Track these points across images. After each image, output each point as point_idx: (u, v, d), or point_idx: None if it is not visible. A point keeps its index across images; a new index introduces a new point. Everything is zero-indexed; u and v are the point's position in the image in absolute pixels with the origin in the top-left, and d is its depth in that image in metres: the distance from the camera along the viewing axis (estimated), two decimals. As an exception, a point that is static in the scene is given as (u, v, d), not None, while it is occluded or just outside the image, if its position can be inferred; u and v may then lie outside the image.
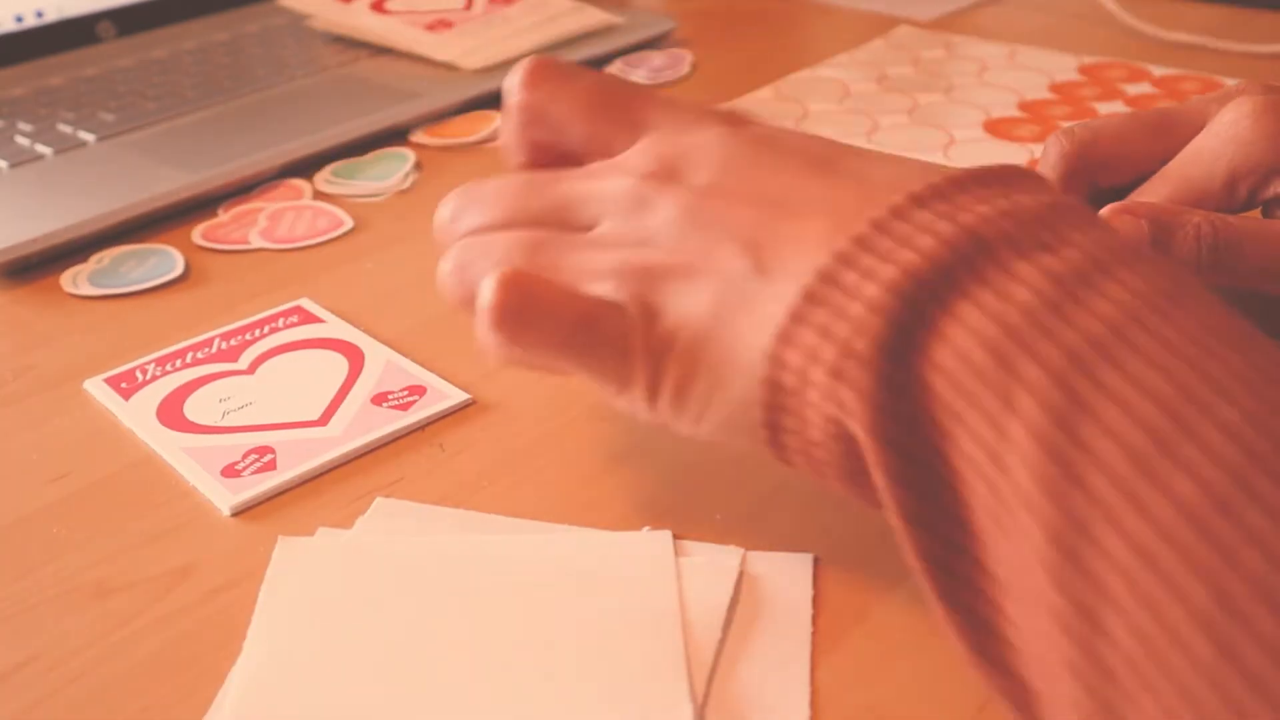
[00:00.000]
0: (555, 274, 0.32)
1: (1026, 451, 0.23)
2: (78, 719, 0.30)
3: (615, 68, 0.76)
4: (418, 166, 0.63)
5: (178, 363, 0.45)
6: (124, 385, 0.44)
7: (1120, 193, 0.41)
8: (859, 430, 0.26)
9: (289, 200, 0.59)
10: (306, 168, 0.63)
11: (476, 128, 0.68)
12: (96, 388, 0.44)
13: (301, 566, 0.34)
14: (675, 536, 0.35)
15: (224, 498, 0.38)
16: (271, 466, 0.39)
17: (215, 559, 0.35)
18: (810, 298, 0.27)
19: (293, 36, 0.81)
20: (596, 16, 0.80)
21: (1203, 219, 0.37)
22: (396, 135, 0.67)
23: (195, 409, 0.42)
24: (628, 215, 0.32)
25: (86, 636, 0.33)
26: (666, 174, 0.32)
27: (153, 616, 0.34)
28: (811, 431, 0.28)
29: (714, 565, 0.34)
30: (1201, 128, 0.40)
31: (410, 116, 0.67)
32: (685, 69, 0.76)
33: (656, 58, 0.78)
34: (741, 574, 0.33)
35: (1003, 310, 0.25)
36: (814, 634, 0.32)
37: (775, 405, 0.28)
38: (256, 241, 0.55)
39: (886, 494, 0.26)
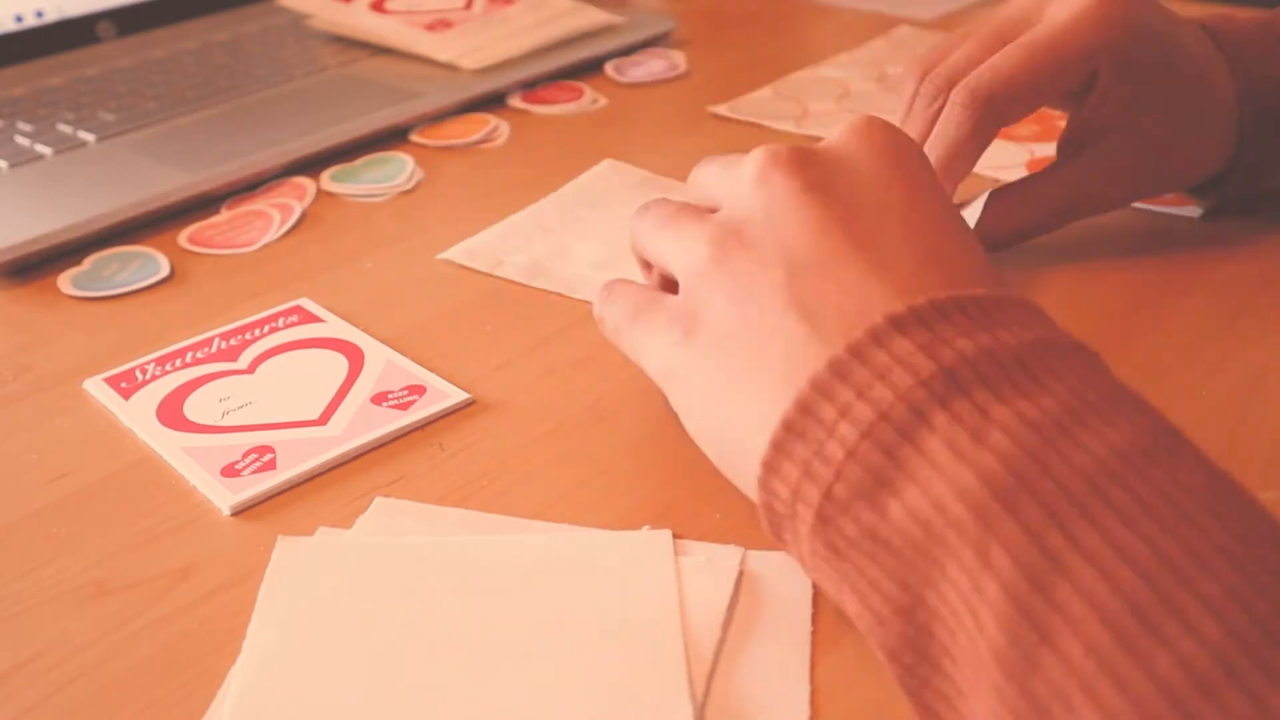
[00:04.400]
0: (620, 340, 0.37)
1: (1001, 611, 0.23)
2: (78, 719, 0.30)
3: (615, 67, 0.76)
4: (418, 167, 0.63)
5: (177, 362, 0.45)
6: (124, 385, 0.44)
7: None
8: (843, 572, 0.28)
9: (291, 198, 0.59)
10: (306, 168, 0.63)
11: (476, 128, 0.68)
12: (96, 387, 0.44)
13: (301, 566, 0.34)
14: (675, 536, 0.35)
15: (224, 497, 0.38)
16: (271, 466, 0.39)
17: (215, 559, 0.35)
18: (790, 428, 0.28)
19: (293, 36, 0.81)
20: (596, 16, 0.80)
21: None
22: (396, 135, 0.67)
23: (195, 408, 0.42)
24: (739, 196, 0.34)
25: (86, 636, 0.33)
26: (793, 166, 0.33)
27: (153, 616, 0.33)
28: (803, 549, 0.29)
29: (714, 564, 0.34)
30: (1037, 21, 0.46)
31: (410, 116, 0.67)
32: (684, 69, 0.76)
33: (656, 58, 0.78)
34: (741, 573, 0.33)
35: (979, 459, 0.25)
36: (814, 633, 0.32)
37: (772, 523, 0.30)
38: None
39: (865, 627, 0.27)
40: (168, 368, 0.45)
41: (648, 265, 0.40)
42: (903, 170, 0.33)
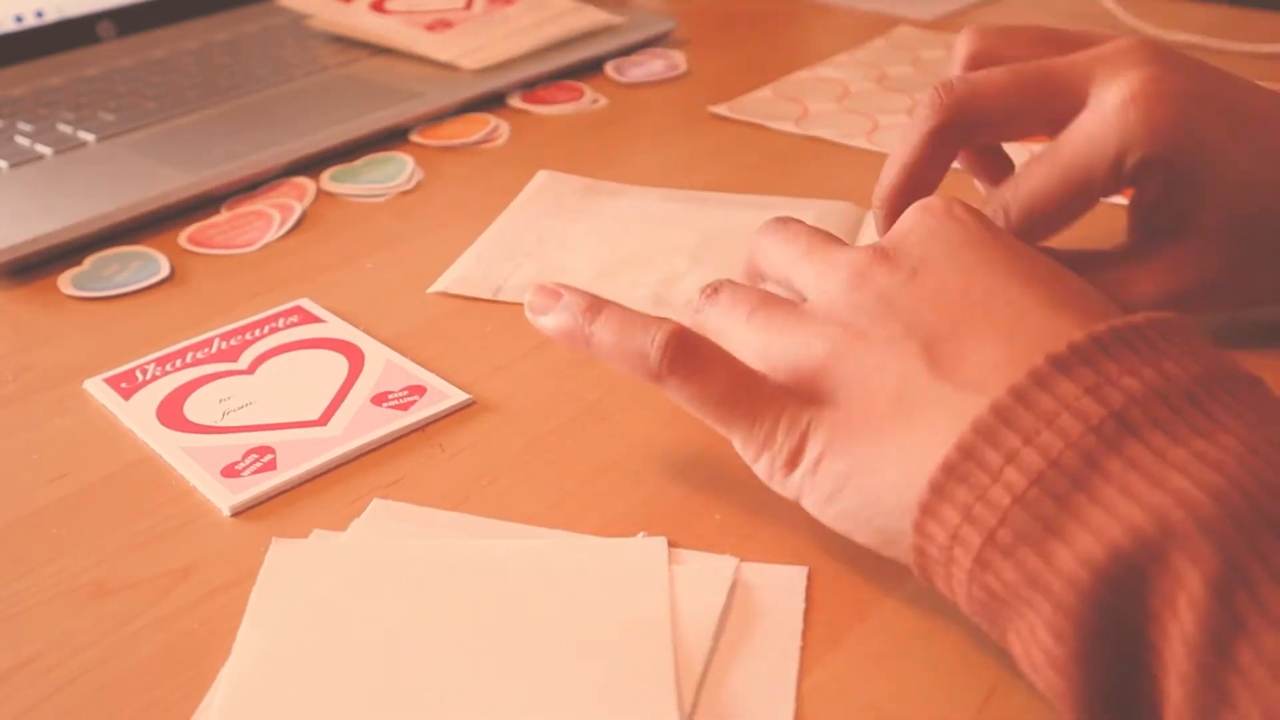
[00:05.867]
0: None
1: (1184, 671, 0.23)
2: (78, 719, 0.30)
3: (615, 67, 0.77)
4: (418, 167, 0.63)
5: (178, 362, 0.45)
6: (124, 385, 0.44)
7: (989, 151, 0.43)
8: (1006, 617, 0.27)
9: (291, 198, 0.59)
10: (306, 168, 0.63)
11: (476, 128, 0.68)
12: (96, 388, 0.44)
13: (294, 568, 0.34)
14: (672, 542, 0.35)
15: (224, 498, 0.38)
16: (271, 466, 0.39)
17: (215, 559, 0.35)
18: (950, 471, 0.27)
19: (293, 36, 0.81)
20: (596, 16, 0.80)
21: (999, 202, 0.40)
22: (396, 135, 0.67)
23: (195, 409, 0.42)
24: (841, 293, 0.33)
25: (86, 636, 0.33)
26: (885, 256, 0.33)
27: (152, 617, 0.33)
28: (959, 594, 0.29)
29: (708, 574, 0.34)
30: (1082, 95, 0.39)
31: (410, 116, 0.67)
32: (684, 69, 0.77)
33: (656, 58, 0.78)
34: (735, 584, 0.33)
35: (1155, 502, 0.24)
36: (803, 647, 0.31)
37: (923, 566, 0.29)
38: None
39: (1028, 669, 0.27)
40: (168, 368, 0.45)
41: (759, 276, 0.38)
42: (976, 235, 0.33)
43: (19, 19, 0.76)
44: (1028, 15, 0.84)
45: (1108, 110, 0.38)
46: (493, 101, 0.72)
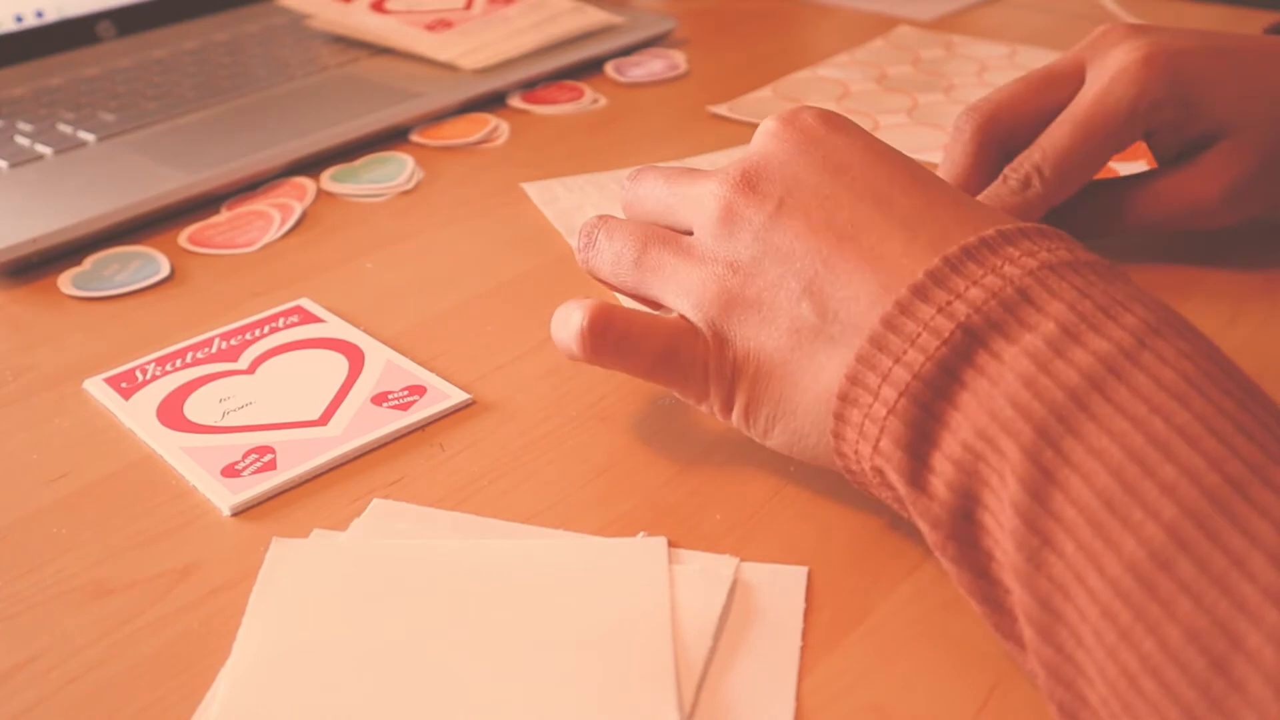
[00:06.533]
0: (650, 290, 0.38)
1: (1015, 527, 0.27)
2: (78, 719, 0.30)
3: (615, 67, 0.77)
4: (418, 167, 0.63)
5: (178, 362, 0.45)
6: (124, 385, 0.44)
7: (1024, 148, 0.47)
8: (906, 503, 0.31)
9: (291, 198, 0.59)
10: (306, 168, 0.63)
11: (476, 128, 0.68)
12: (96, 388, 0.44)
13: (294, 568, 0.34)
14: (672, 541, 0.35)
15: (224, 497, 0.38)
16: (271, 466, 0.39)
17: (215, 559, 0.35)
18: (844, 397, 0.32)
19: (293, 36, 0.81)
20: (596, 16, 0.80)
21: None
22: (396, 135, 0.67)
23: (195, 409, 0.42)
24: (717, 232, 0.36)
25: (86, 636, 0.33)
26: (750, 187, 0.36)
27: (153, 616, 0.33)
28: (880, 495, 0.33)
29: (708, 574, 0.34)
30: (1083, 76, 0.47)
31: (410, 116, 0.67)
32: (684, 69, 0.77)
33: (656, 58, 0.78)
34: (735, 583, 0.33)
35: (993, 400, 0.28)
36: (804, 646, 0.32)
37: (855, 482, 0.34)
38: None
39: (937, 549, 0.30)
40: (168, 368, 0.45)
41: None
42: (828, 140, 0.36)
43: (19, 19, 0.76)
44: (1028, 15, 0.84)
45: (1113, 70, 0.45)
46: (493, 101, 0.72)
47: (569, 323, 0.37)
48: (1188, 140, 0.47)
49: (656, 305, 0.39)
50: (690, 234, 0.37)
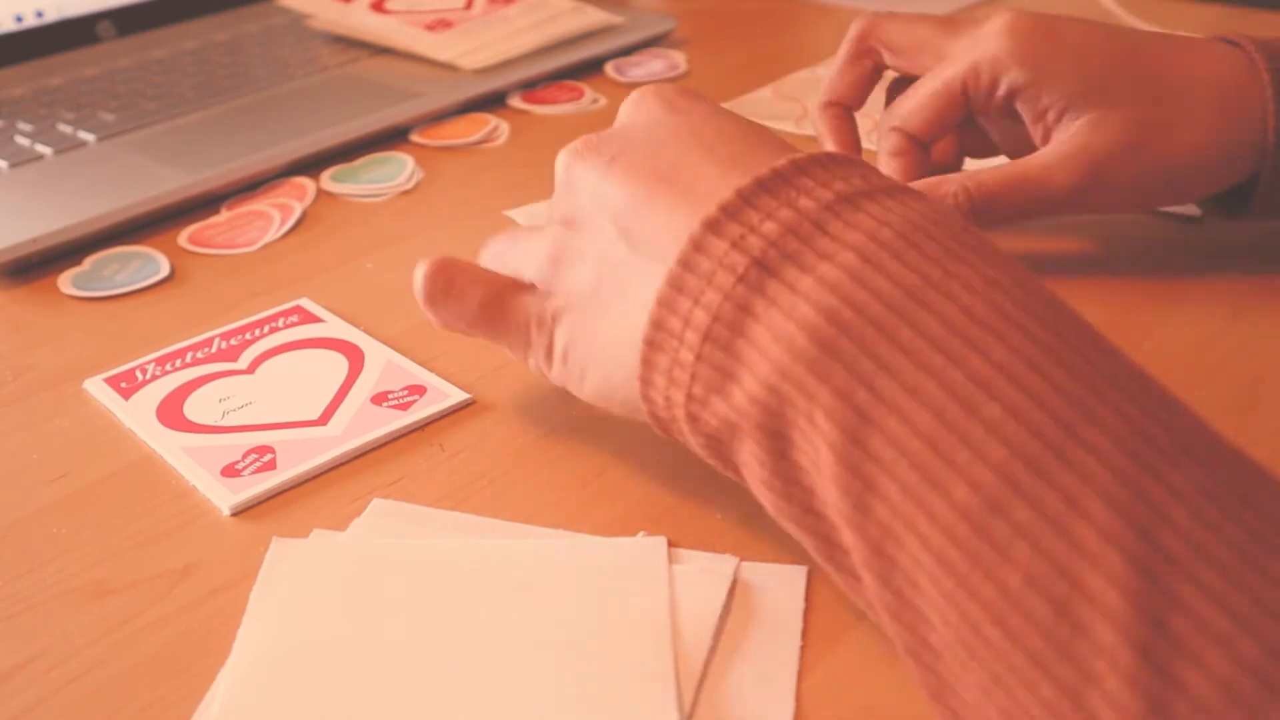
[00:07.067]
0: (504, 264, 0.39)
1: (835, 471, 0.26)
2: (78, 719, 0.30)
3: (615, 67, 0.76)
4: (418, 167, 0.63)
5: (178, 362, 0.45)
6: (124, 385, 0.44)
7: (906, 82, 0.51)
8: (725, 456, 0.31)
9: (291, 198, 0.59)
10: (306, 168, 0.63)
11: (476, 128, 0.68)
12: (96, 387, 0.44)
13: (294, 568, 0.34)
14: (672, 541, 0.35)
15: (224, 497, 0.38)
16: (271, 466, 0.39)
17: (215, 559, 0.35)
18: (649, 343, 0.31)
19: (293, 36, 0.81)
20: (596, 16, 0.80)
21: (958, 185, 0.46)
22: (396, 135, 0.67)
23: (195, 408, 0.42)
24: (559, 195, 0.37)
25: (86, 636, 0.33)
26: (590, 148, 0.36)
27: (153, 616, 0.34)
28: (689, 440, 0.32)
29: (708, 573, 0.34)
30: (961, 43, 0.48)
31: (410, 116, 0.67)
32: (684, 69, 0.77)
33: (656, 58, 0.78)
34: (735, 583, 0.33)
35: (788, 334, 0.27)
36: (804, 646, 0.31)
37: (661, 427, 0.33)
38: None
39: (761, 494, 0.30)
40: (168, 368, 0.45)
41: None
42: (680, 107, 0.37)
43: (19, 19, 0.76)
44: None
45: (978, 37, 0.47)
46: (493, 101, 0.72)
47: (415, 276, 0.39)
48: (1049, 115, 0.46)
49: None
50: None
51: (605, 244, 0.34)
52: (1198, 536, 0.22)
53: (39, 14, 0.77)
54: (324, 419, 0.41)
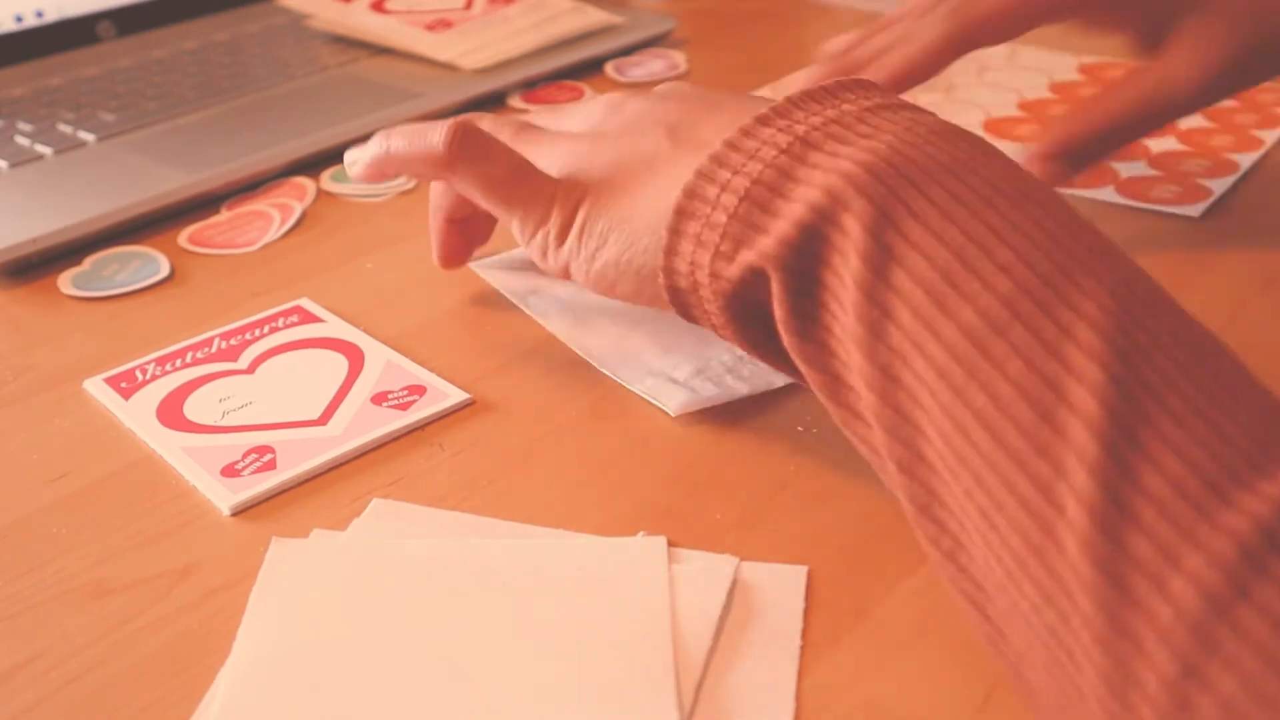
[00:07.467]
0: (535, 157, 0.41)
1: (856, 299, 0.29)
2: (77, 719, 0.30)
3: (615, 67, 0.76)
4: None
5: (177, 362, 0.45)
6: (124, 385, 0.44)
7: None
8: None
9: (291, 198, 0.59)
10: (306, 168, 0.63)
11: (476, 128, 0.68)
12: (96, 387, 0.44)
13: (294, 568, 0.34)
14: (672, 541, 0.35)
15: (224, 497, 0.38)
16: (271, 466, 0.39)
17: (215, 559, 0.35)
18: (681, 211, 0.34)
19: (293, 36, 0.81)
20: (596, 16, 0.80)
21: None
22: (396, 135, 0.67)
23: (195, 408, 0.42)
24: (602, 114, 0.41)
25: (86, 636, 0.33)
26: (635, 94, 0.42)
27: (153, 616, 0.34)
28: (708, 308, 0.35)
29: (708, 573, 0.34)
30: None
31: (410, 116, 0.67)
32: (684, 69, 0.77)
33: (656, 58, 0.78)
34: (735, 583, 0.33)
35: (829, 183, 0.30)
36: (803, 646, 0.31)
37: (676, 299, 0.36)
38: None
39: (781, 326, 0.32)
40: (168, 368, 0.45)
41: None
42: (705, 87, 0.41)
43: (19, 19, 0.76)
44: (1028, 15, 0.84)
45: None
46: (493, 101, 0.72)
47: (425, 133, 0.40)
48: (1156, 22, 0.48)
49: None
50: None
51: (650, 144, 0.38)
52: (1172, 371, 0.25)
53: (39, 14, 0.77)
54: (324, 419, 0.41)
